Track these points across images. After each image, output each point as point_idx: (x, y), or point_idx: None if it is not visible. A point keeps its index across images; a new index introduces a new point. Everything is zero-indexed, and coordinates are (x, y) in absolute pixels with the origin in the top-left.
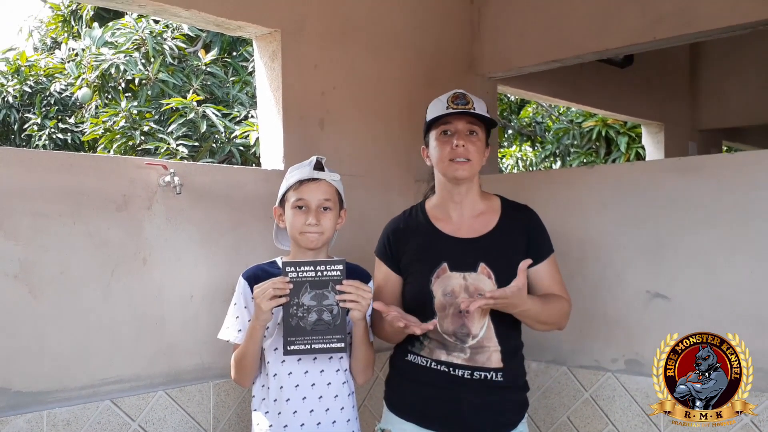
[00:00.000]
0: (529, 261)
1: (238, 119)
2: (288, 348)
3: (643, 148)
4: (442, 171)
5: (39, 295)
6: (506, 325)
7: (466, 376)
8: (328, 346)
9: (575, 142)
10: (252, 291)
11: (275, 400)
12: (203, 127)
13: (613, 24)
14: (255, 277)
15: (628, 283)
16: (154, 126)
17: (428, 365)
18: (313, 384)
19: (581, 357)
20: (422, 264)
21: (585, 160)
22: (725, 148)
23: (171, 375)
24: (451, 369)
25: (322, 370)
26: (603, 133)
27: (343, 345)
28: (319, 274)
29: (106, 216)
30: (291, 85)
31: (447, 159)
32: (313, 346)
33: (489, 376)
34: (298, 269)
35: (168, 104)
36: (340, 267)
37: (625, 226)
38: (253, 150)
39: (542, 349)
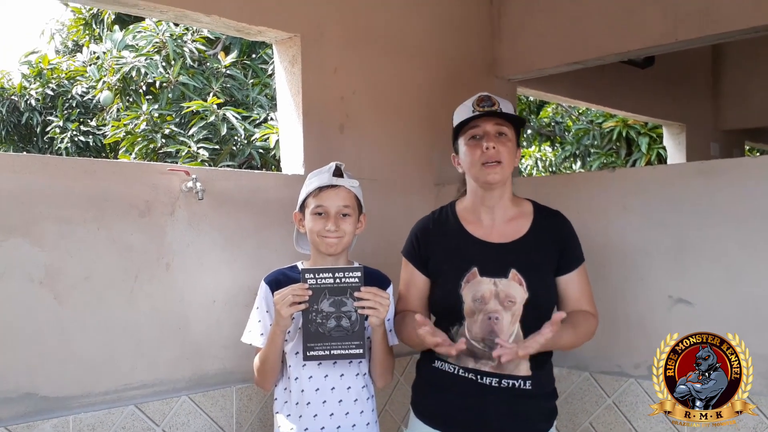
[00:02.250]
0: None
1: (258, 122)
2: (308, 354)
3: (664, 149)
4: (474, 176)
5: (64, 300)
6: (536, 331)
7: (494, 384)
8: (346, 352)
9: (595, 143)
10: (273, 295)
11: (297, 404)
12: (223, 130)
13: (635, 25)
14: (276, 281)
15: (651, 287)
16: (175, 129)
17: (456, 372)
18: (333, 388)
19: (604, 362)
20: (452, 267)
21: (605, 161)
22: (748, 149)
23: (194, 380)
24: (479, 377)
25: (342, 375)
26: (624, 134)
27: (361, 351)
28: (338, 280)
29: (130, 222)
30: (311, 89)
31: (479, 163)
32: (332, 351)
33: (517, 385)
34: (317, 276)
35: (188, 107)
36: (359, 274)
37: (647, 230)
38: (273, 153)
39: (564, 355)
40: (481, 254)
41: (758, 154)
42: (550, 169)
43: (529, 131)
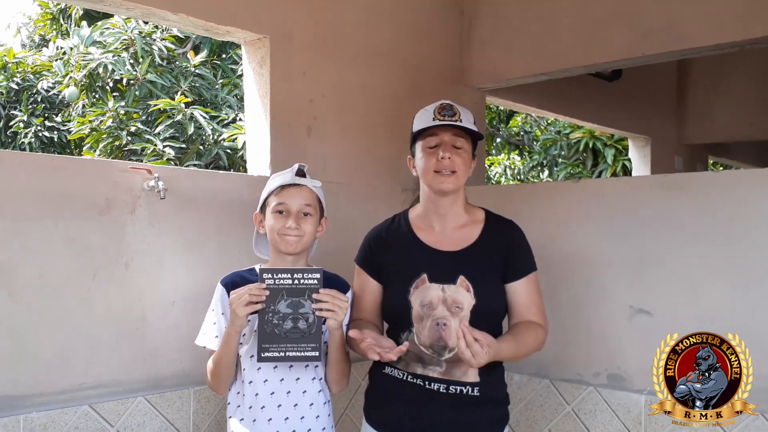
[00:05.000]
0: (466, 327)
1: (225, 122)
2: (262, 355)
3: (629, 160)
4: (427, 182)
5: (18, 298)
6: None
7: (441, 390)
8: (302, 354)
9: (562, 153)
10: (229, 297)
11: (250, 407)
12: (190, 129)
13: (602, 39)
14: (233, 283)
15: (612, 297)
16: (141, 127)
17: (404, 378)
18: (289, 392)
19: (564, 370)
20: (402, 274)
21: (572, 171)
22: (711, 163)
23: (151, 381)
24: (426, 383)
25: (298, 378)
26: (590, 145)
27: (317, 354)
28: (296, 282)
29: (89, 219)
30: (279, 91)
31: (432, 171)
32: (287, 353)
33: (465, 391)
34: (275, 276)
35: (156, 105)
36: (318, 276)
37: (609, 240)
38: (240, 153)
39: (525, 362)
40: (431, 261)
41: (721, 168)
42: (518, 178)
43: (498, 140)
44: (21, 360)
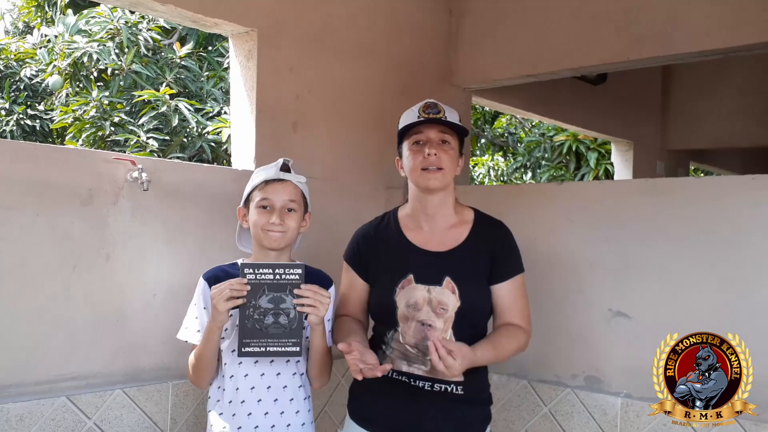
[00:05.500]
0: (438, 340)
1: (210, 115)
2: (242, 350)
3: (612, 164)
4: (414, 180)
5: None
6: (468, 338)
7: (426, 387)
8: (282, 349)
9: (546, 155)
10: (211, 292)
11: (230, 402)
12: (175, 121)
13: (589, 43)
14: (215, 277)
15: (592, 300)
16: (125, 117)
17: (390, 375)
18: (269, 386)
19: (542, 371)
20: (389, 273)
21: (555, 174)
22: (692, 169)
23: (130, 374)
24: (411, 380)
25: (279, 373)
26: (573, 148)
27: (297, 349)
28: (278, 277)
29: (70, 210)
30: (265, 86)
31: (419, 168)
32: (267, 348)
33: (449, 389)
34: (256, 271)
35: (140, 96)
36: (299, 271)
37: (591, 244)
38: (224, 146)
39: (505, 362)
40: (418, 262)
41: (702, 174)
42: (502, 179)
43: (482, 140)
44: None
